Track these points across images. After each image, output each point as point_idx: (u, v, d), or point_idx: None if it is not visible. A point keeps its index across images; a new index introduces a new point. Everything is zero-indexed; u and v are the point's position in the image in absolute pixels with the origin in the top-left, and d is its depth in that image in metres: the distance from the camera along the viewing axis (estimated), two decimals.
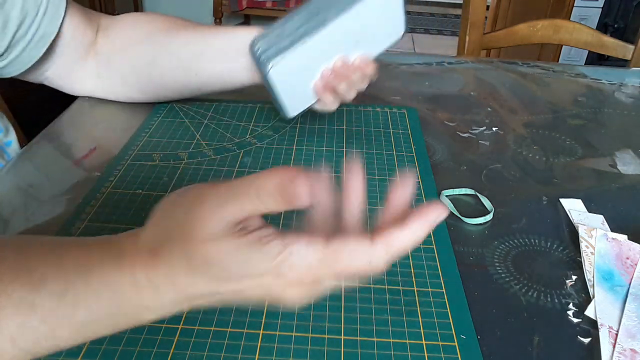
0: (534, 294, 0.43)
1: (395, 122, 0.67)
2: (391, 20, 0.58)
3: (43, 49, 0.56)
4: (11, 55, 0.54)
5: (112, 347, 0.36)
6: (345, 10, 0.54)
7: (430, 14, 4.23)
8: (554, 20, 1.13)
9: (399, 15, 0.56)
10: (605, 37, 1.10)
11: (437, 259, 0.45)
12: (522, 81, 0.83)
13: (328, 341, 0.37)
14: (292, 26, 0.55)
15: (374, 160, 0.58)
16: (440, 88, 0.78)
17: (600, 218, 0.51)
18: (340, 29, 0.54)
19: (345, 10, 0.54)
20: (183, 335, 0.37)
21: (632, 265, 0.45)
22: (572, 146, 0.65)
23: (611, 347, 0.38)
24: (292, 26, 0.55)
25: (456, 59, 0.90)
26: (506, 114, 0.72)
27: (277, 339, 0.37)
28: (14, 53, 0.54)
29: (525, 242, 0.48)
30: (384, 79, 0.80)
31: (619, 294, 0.43)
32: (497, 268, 0.45)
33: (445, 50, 3.42)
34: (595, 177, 0.59)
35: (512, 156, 0.62)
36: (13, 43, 0.53)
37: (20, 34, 0.53)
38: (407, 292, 0.42)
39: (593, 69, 0.89)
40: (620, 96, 0.80)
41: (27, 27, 0.53)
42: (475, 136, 0.66)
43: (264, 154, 0.59)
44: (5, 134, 0.59)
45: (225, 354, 0.36)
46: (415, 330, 0.38)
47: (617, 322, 0.40)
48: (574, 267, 0.46)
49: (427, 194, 0.53)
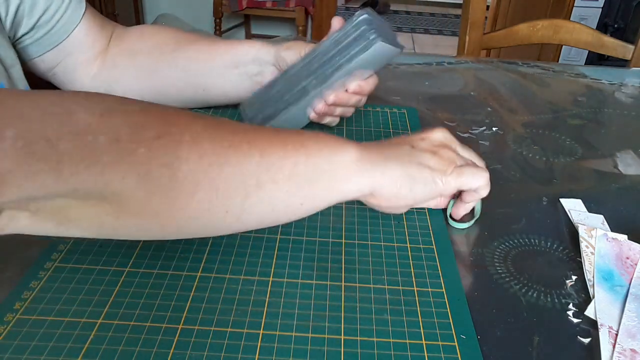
0: (534, 294, 0.43)
1: (395, 122, 0.67)
2: (384, 58, 0.56)
3: (65, 35, 0.61)
4: (37, 35, 0.59)
5: (112, 347, 0.36)
6: (326, 80, 0.54)
7: (430, 14, 4.23)
8: (554, 20, 1.13)
9: (390, 50, 0.54)
10: (605, 37, 1.10)
11: (437, 259, 0.45)
12: (522, 81, 0.83)
13: (328, 341, 0.37)
14: (276, 93, 0.56)
15: None
16: (440, 88, 0.78)
17: (600, 218, 0.51)
18: (324, 90, 0.55)
19: (327, 79, 0.54)
20: (183, 335, 0.37)
21: (632, 265, 0.45)
22: (572, 146, 0.65)
23: (611, 347, 0.38)
24: (277, 93, 0.56)
25: (456, 59, 0.90)
26: (506, 114, 0.72)
27: (277, 339, 0.37)
28: (39, 34, 0.59)
29: (525, 242, 0.48)
30: (384, 79, 0.80)
31: (619, 294, 0.43)
32: (497, 268, 0.45)
33: (445, 50, 3.42)
34: (595, 177, 0.59)
35: (512, 156, 0.62)
36: (38, 25, 0.58)
37: (45, 19, 0.59)
38: (407, 292, 0.42)
39: (593, 69, 0.89)
40: (620, 96, 0.80)
41: (52, 13, 0.59)
42: (475, 136, 0.66)
43: None
44: None
45: (225, 354, 0.36)
46: (415, 330, 0.38)
47: (617, 322, 0.40)
48: (574, 267, 0.46)
49: None
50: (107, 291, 0.40)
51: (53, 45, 0.61)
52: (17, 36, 0.58)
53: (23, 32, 0.58)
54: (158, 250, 0.44)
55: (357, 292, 0.41)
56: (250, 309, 0.39)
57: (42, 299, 0.39)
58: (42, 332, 0.36)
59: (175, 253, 0.44)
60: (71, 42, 0.61)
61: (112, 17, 2.39)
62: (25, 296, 0.39)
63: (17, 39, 0.59)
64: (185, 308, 0.39)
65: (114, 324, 0.37)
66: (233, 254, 0.44)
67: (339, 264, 0.44)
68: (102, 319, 0.38)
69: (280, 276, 0.42)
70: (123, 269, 0.42)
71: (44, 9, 0.58)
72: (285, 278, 0.42)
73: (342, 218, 0.49)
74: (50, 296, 0.39)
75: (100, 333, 0.37)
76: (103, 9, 2.36)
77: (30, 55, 0.61)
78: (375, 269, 0.44)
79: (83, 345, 0.36)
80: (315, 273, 0.43)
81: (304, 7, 2.66)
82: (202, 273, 0.42)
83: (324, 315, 0.39)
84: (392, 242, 0.47)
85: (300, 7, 2.63)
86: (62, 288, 0.40)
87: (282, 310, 0.39)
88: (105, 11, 2.36)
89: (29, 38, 0.59)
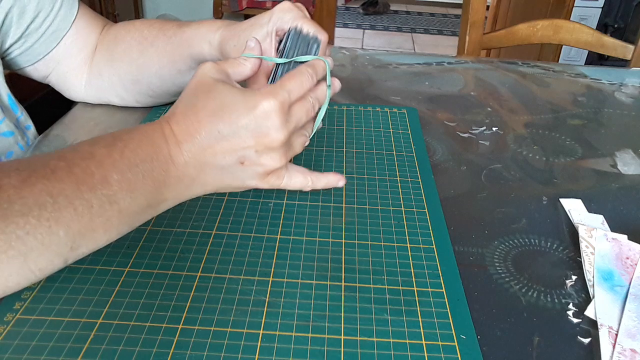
0: (534, 294, 0.43)
1: (395, 122, 0.67)
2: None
3: (55, 43, 0.59)
4: (25, 45, 0.58)
5: (112, 347, 0.36)
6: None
7: (430, 14, 4.23)
8: (554, 20, 1.13)
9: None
10: (605, 37, 1.10)
11: (437, 259, 0.45)
12: (522, 81, 0.83)
13: (328, 341, 0.37)
14: None
15: (374, 160, 0.58)
16: (440, 88, 0.78)
17: (600, 218, 0.51)
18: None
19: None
20: (183, 335, 0.37)
21: (632, 265, 0.45)
22: (572, 146, 0.65)
23: (611, 347, 0.38)
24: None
25: (456, 59, 0.90)
26: (506, 114, 0.72)
27: (277, 339, 0.37)
28: (28, 43, 0.58)
29: (525, 242, 0.48)
30: (384, 79, 0.80)
31: (619, 294, 0.43)
32: (497, 268, 0.45)
33: (445, 50, 3.42)
34: (595, 177, 0.59)
35: (512, 156, 0.62)
36: (27, 33, 0.57)
37: (34, 27, 0.57)
38: (407, 292, 0.42)
39: (593, 69, 0.89)
40: (620, 96, 0.80)
41: (42, 20, 0.57)
42: (475, 136, 0.66)
43: None
44: (25, 118, 0.61)
45: (225, 354, 0.36)
46: (415, 330, 0.38)
47: (617, 322, 0.40)
48: (574, 267, 0.46)
49: (427, 193, 0.53)
50: (107, 291, 0.40)
51: (43, 54, 0.59)
52: (4, 47, 0.57)
53: (11, 42, 0.57)
54: (158, 251, 0.44)
55: (357, 292, 0.41)
56: (250, 309, 0.39)
57: (42, 299, 0.39)
58: (42, 332, 0.36)
59: (175, 253, 0.44)
60: (60, 51, 0.60)
61: (112, 17, 2.39)
62: (25, 296, 0.39)
63: (5, 49, 0.57)
64: (185, 308, 0.39)
65: (114, 324, 0.37)
66: (233, 254, 0.44)
67: (339, 264, 0.44)
68: (102, 319, 0.38)
69: (280, 276, 0.42)
70: (123, 269, 0.42)
71: (33, 17, 0.56)
72: (285, 278, 0.42)
73: (342, 218, 0.49)
74: (50, 296, 0.39)
75: (100, 333, 0.37)
76: (103, 9, 2.35)
77: (20, 65, 0.60)
78: (375, 269, 0.44)
79: (83, 345, 0.36)
80: (315, 273, 0.43)
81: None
82: (202, 273, 0.42)
83: (324, 315, 0.39)
84: (392, 242, 0.47)
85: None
86: (62, 288, 0.40)
87: (282, 310, 0.39)
88: (105, 11, 2.36)
89: (17, 48, 0.58)
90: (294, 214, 0.49)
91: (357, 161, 0.58)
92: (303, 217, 0.49)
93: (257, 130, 0.41)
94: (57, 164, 0.36)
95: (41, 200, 0.33)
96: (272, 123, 0.41)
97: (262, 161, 0.42)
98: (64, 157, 0.36)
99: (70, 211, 0.34)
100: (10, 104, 0.59)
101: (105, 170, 0.36)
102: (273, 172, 0.44)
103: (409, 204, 0.51)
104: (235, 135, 0.41)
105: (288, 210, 0.50)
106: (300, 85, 0.43)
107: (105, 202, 0.36)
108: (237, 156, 0.41)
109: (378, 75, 0.81)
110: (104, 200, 0.36)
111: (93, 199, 0.35)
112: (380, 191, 0.53)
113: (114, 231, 0.38)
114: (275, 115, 0.41)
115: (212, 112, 0.41)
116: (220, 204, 0.50)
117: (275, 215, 0.49)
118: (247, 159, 0.42)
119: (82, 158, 0.37)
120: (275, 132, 0.41)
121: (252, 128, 0.41)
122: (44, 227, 0.33)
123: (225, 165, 0.42)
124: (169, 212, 0.48)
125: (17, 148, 0.58)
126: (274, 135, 0.41)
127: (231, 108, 0.41)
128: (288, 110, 0.42)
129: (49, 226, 0.33)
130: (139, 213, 0.39)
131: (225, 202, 0.50)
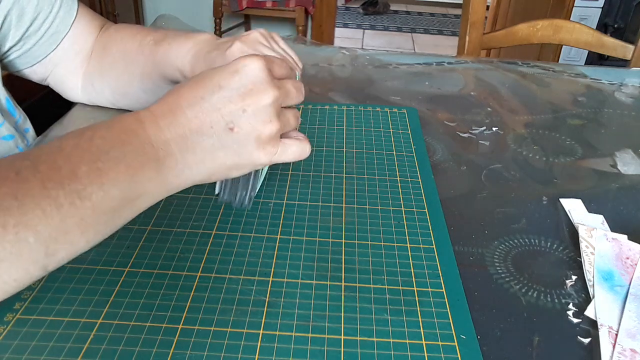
0: (534, 294, 0.43)
1: (395, 122, 0.67)
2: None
3: (54, 45, 0.59)
4: (24, 47, 0.57)
5: (112, 347, 0.36)
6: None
7: (430, 14, 4.23)
8: (554, 20, 1.13)
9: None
10: (605, 37, 1.10)
11: (437, 259, 0.45)
12: (522, 81, 0.83)
13: (328, 341, 0.37)
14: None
15: (374, 160, 0.58)
16: (440, 88, 0.78)
17: (600, 218, 0.51)
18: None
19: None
20: (183, 335, 0.37)
21: (632, 265, 0.45)
22: (572, 146, 0.65)
23: (611, 347, 0.38)
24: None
25: (456, 59, 0.90)
26: (506, 114, 0.72)
27: (277, 339, 0.37)
28: (27, 45, 0.57)
29: (525, 242, 0.48)
30: (384, 79, 0.80)
31: (619, 294, 0.43)
32: (497, 268, 0.45)
33: (445, 50, 3.42)
34: (595, 177, 0.59)
35: (512, 156, 0.62)
36: (26, 36, 0.57)
37: (34, 29, 0.57)
38: (407, 292, 0.42)
39: (593, 69, 0.89)
40: (620, 96, 0.80)
41: (41, 22, 0.57)
42: (475, 136, 0.66)
43: None
44: (24, 121, 0.61)
45: (225, 354, 0.36)
46: (415, 330, 0.38)
47: (617, 322, 0.40)
48: (574, 267, 0.46)
49: (427, 193, 0.53)
50: (107, 291, 0.40)
51: (41, 57, 0.59)
52: (3, 49, 0.56)
53: (10, 44, 0.56)
54: (158, 251, 0.44)
55: (357, 292, 0.41)
56: (250, 309, 0.39)
57: (42, 299, 0.39)
58: (42, 332, 0.36)
59: (175, 253, 0.44)
60: (58, 54, 0.60)
61: (112, 17, 2.39)
62: (25, 296, 0.39)
63: (4, 52, 0.57)
64: (185, 308, 0.39)
65: (113, 324, 0.37)
66: (233, 254, 0.44)
67: (339, 264, 0.44)
68: (102, 319, 0.38)
69: (280, 276, 0.42)
70: (123, 269, 0.42)
71: (32, 18, 0.56)
72: (285, 278, 0.42)
73: (342, 218, 0.49)
74: (50, 296, 0.39)
75: (100, 333, 0.37)
76: (103, 9, 2.35)
77: (19, 67, 0.60)
78: (375, 269, 0.44)
79: (83, 345, 0.36)
80: (315, 273, 0.43)
81: (304, 7, 2.66)
82: (202, 273, 0.42)
83: (324, 315, 0.39)
84: (392, 242, 0.47)
85: (300, 7, 2.63)
86: (62, 288, 0.40)
87: (282, 310, 0.39)
88: (105, 11, 2.36)
89: (16, 50, 0.57)
90: (294, 214, 0.49)
91: (357, 161, 0.58)
92: (303, 217, 0.49)
93: (242, 88, 0.37)
94: (22, 163, 0.32)
95: (5, 204, 0.30)
96: (257, 78, 0.38)
97: (253, 123, 0.38)
98: (30, 156, 0.33)
99: (38, 213, 0.31)
100: (9, 108, 0.59)
101: (73, 163, 0.33)
102: (269, 138, 0.39)
103: (409, 204, 0.51)
104: (220, 98, 0.37)
105: (288, 210, 0.50)
106: (281, 63, 0.41)
107: (76, 199, 0.32)
108: (224, 122, 0.37)
109: (378, 75, 0.81)
110: (74, 197, 0.32)
111: (61, 197, 0.32)
112: (380, 191, 0.53)
113: (91, 232, 0.34)
114: (259, 70, 0.38)
115: (193, 82, 0.38)
116: (220, 203, 0.50)
117: (275, 215, 0.49)
118: (237, 124, 0.37)
119: (49, 153, 0.33)
120: (261, 85, 0.38)
121: (237, 86, 0.37)
122: (11, 234, 0.30)
123: (214, 135, 0.37)
124: (169, 212, 0.48)
125: (18, 151, 0.58)
126: (260, 87, 0.38)
127: (212, 73, 0.38)
128: (273, 75, 0.39)
129: (16, 232, 0.30)
130: (116, 209, 0.34)
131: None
